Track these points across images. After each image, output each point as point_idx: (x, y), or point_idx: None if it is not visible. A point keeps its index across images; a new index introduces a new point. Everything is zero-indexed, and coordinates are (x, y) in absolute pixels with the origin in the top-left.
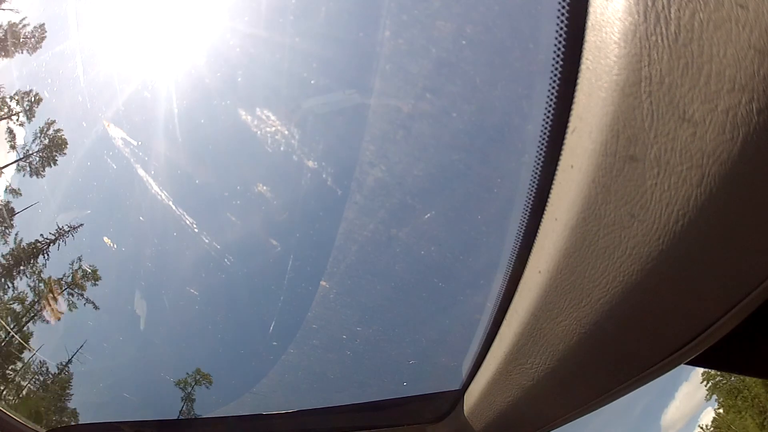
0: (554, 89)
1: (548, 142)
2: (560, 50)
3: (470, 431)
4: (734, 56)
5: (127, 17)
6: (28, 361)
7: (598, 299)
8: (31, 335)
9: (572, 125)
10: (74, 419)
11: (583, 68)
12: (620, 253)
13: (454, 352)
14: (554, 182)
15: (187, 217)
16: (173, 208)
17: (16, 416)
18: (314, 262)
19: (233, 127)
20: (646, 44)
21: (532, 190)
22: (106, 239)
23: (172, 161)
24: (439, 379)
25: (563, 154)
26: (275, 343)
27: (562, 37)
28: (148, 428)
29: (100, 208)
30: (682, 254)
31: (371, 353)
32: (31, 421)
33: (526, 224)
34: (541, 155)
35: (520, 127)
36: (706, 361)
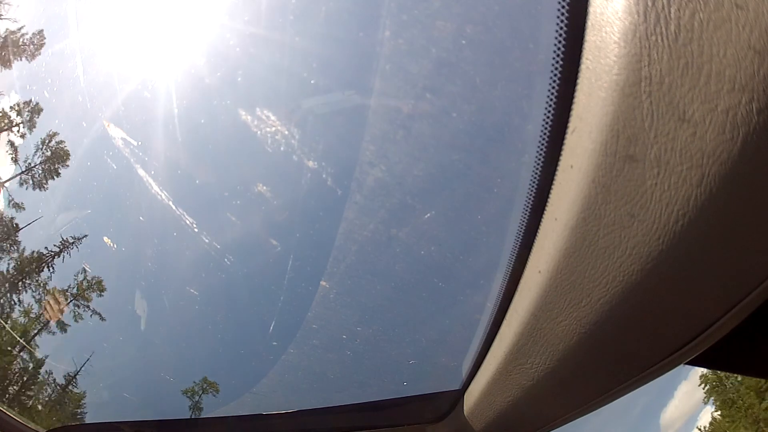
0: (554, 89)
1: (548, 142)
2: (560, 50)
3: (470, 431)
4: (734, 56)
5: (126, 17)
6: (28, 361)
7: (598, 299)
8: (31, 335)
9: (572, 125)
10: (74, 419)
11: (583, 68)
12: (620, 253)
13: (454, 352)
14: (554, 182)
15: (187, 217)
16: (173, 208)
17: (16, 416)
18: (314, 262)
19: (233, 127)
20: (646, 44)
21: (532, 190)
22: (106, 239)
23: (172, 161)
24: (439, 379)
25: (563, 154)
26: (275, 343)
27: (562, 37)
28: (148, 428)
29: (100, 208)
30: (682, 254)
31: (371, 353)
32: (31, 421)
33: (526, 224)
34: (541, 155)
35: (520, 127)
36: (706, 361)
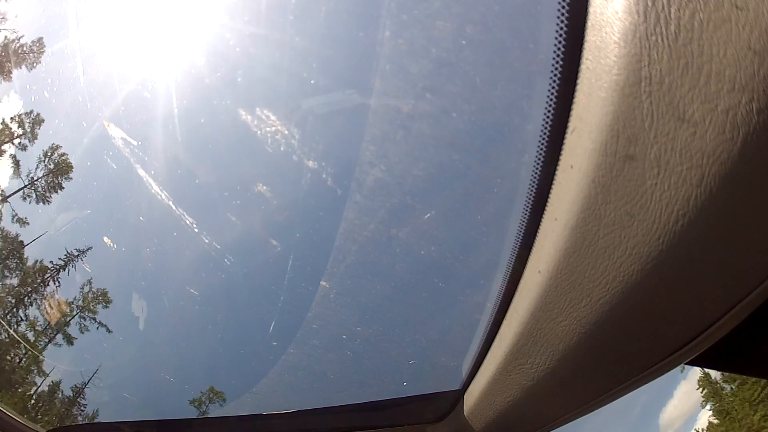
0: (554, 89)
1: (548, 142)
2: (560, 50)
3: (470, 431)
4: (734, 56)
5: (126, 17)
6: (28, 361)
7: (598, 299)
8: (31, 336)
9: (572, 125)
10: (74, 419)
11: (583, 68)
12: (620, 253)
13: (454, 352)
14: (554, 182)
15: (187, 217)
16: (173, 208)
17: (16, 416)
18: (314, 262)
19: (233, 127)
20: (646, 44)
21: (532, 190)
22: (106, 239)
23: (171, 161)
24: (439, 379)
25: (563, 154)
26: (275, 343)
27: (562, 37)
28: (148, 428)
29: (100, 208)
30: (682, 254)
31: (371, 353)
32: (31, 421)
33: (526, 224)
34: (541, 155)
35: (520, 127)
36: (706, 361)
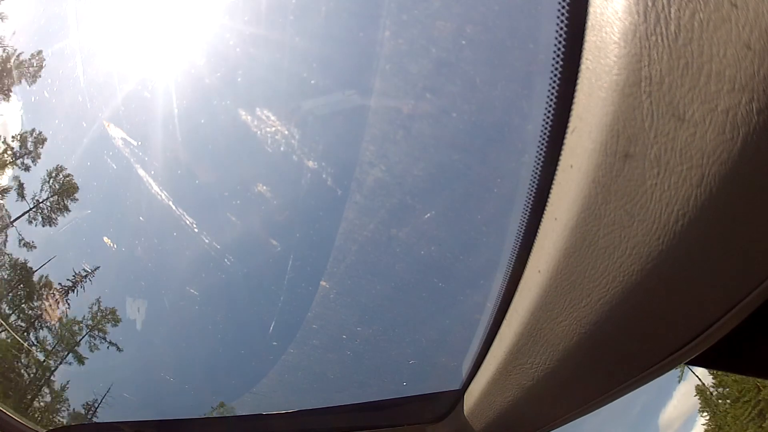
0: (554, 89)
1: (548, 142)
2: (560, 50)
3: (470, 431)
4: (734, 56)
5: (126, 17)
6: (28, 361)
7: (598, 299)
8: (31, 336)
9: (572, 125)
10: (74, 419)
11: (583, 68)
12: (620, 253)
13: (454, 352)
14: (554, 182)
15: (187, 217)
16: (173, 208)
17: (16, 416)
18: (314, 262)
19: (233, 127)
20: (646, 44)
21: (531, 189)
22: (106, 239)
23: (171, 161)
24: (439, 379)
25: (563, 154)
26: (275, 343)
27: (562, 37)
28: (148, 428)
29: (100, 208)
30: (682, 254)
31: (371, 353)
32: (31, 421)
33: (525, 224)
34: (541, 155)
35: (520, 127)
36: (706, 361)
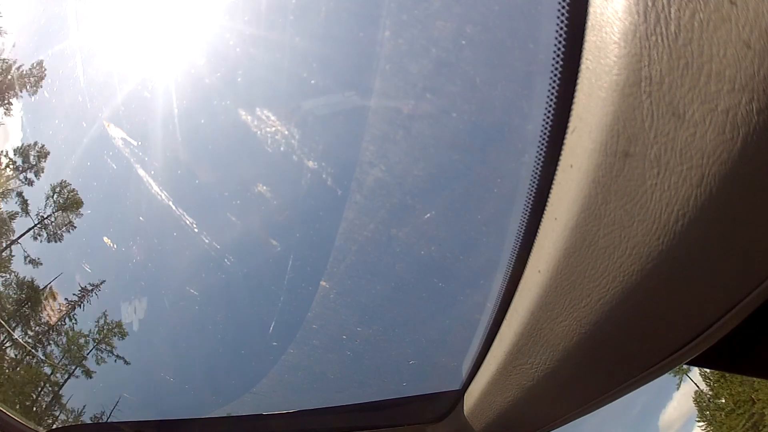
0: (554, 89)
1: (548, 141)
2: (560, 50)
3: (470, 431)
4: (734, 56)
5: (126, 17)
6: (28, 361)
7: (598, 299)
8: (31, 336)
9: (572, 125)
10: (74, 419)
11: (583, 68)
12: (620, 253)
13: (454, 352)
14: (554, 182)
15: (187, 217)
16: (173, 208)
17: (16, 416)
18: (314, 262)
19: (233, 127)
20: (646, 44)
21: (532, 189)
22: (106, 239)
23: (171, 161)
24: (439, 379)
25: (563, 153)
26: (275, 343)
27: (562, 37)
28: (148, 428)
29: (100, 208)
30: (682, 254)
31: (371, 353)
32: (31, 421)
33: (525, 224)
34: (541, 155)
35: (520, 127)
36: (706, 361)
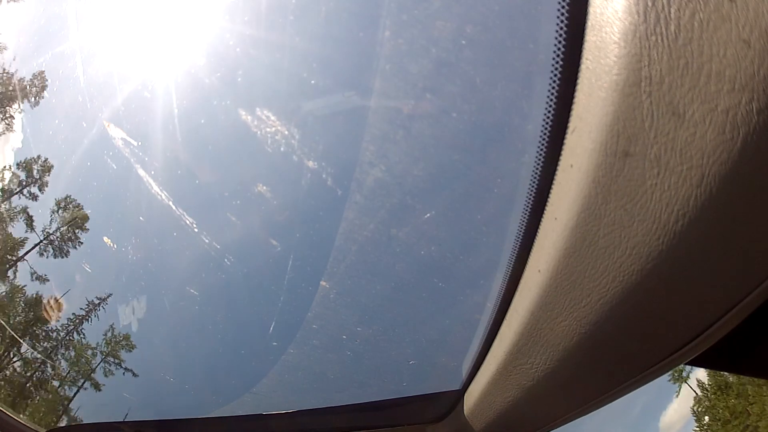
0: (554, 89)
1: (548, 141)
2: (560, 50)
3: (470, 431)
4: (734, 56)
5: (126, 17)
6: (28, 361)
7: (598, 299)
8: (31, 336)
9: (572, 125)
10: (74, 419)
11: (583, 68)
12: (620, 253)
13: (454, 352)
14: (554, 182)
15: (187, 217)
16: (173, 208)
17: (16, 416)
18: (314, 262)
19: (233, 127)
20: (646, 44)
21: (532, 189)
22: (106, 239)
23: (172, 161)
24: (439, 379)
25: (563, 153)
26: (275, 343)
27: (562, 37)
28: (148, 428)
29: (100, 208)
30: (682, 254)
31: (371, 353)
32: (31, 421)
33: (525, 224)
34: (541, 155)
35: (520, 127)
36: (706, 361)
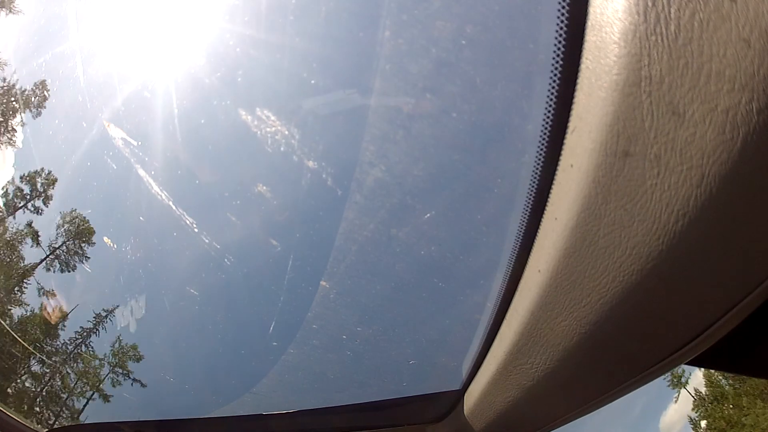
0: (554, 89)
1: (548, 141)
2: (560, 50)
3: (470, 431)
4: (734, 56)
5: (126, 17)
6: (29, 361)
7: (598, 299)
8: (32, 336)
9: (572, 125)
10: (74, 419)
11: (583, 68)
12: (620, 253)
13: (454, 352)
14: (554, 182)
15: (187, 217)
16: (173, 208)
17: (16, 416)
18: (314, 262)
19: (233, 127)
20: (646, 44)
21: (532, 189)
22: (106, 239)
23: (172, 161)
24: (439, 379)
25: (563, 153)
26: (275, 343)
27: (562, 37)
28: (148, 428)
29: (100, 208)
30: (682, 254)
31: (371, 353)
32: (31, 421)
33: (526, 224)
34: (541, 155)
35: (520, 127)
36: (706, 361)
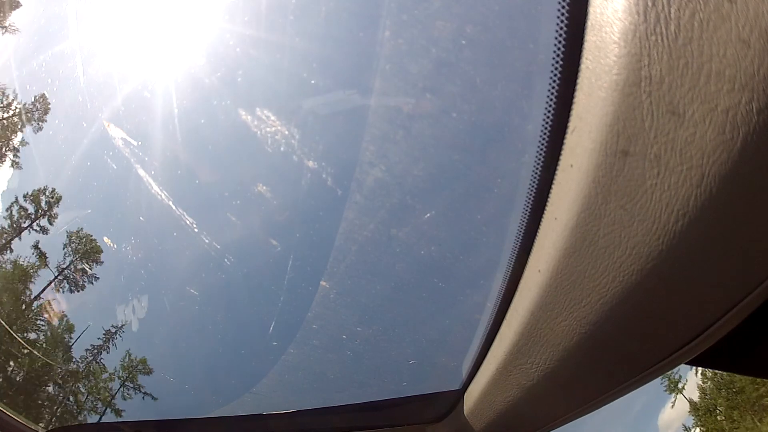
0: (554, 89)
1: (548, 141)
2: (560, 50)
3: (470, 431)
4: (734, 56)
5: (127, 17)
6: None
7: (598, 299)
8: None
9: (572, 125)
10: (74, 419)
11: (583, 68)
12: (620, 253)
13: (454, 352)
14: (554, 182)
15: (187, 217)
16: (173, 208)
17: (16, 416)
18: (314, 262)
19: (233, 127)
20: (646, 44)
21: (532, 189)
22: (106, 239)
23: (172, 161)
24: (439, 379)
25: (563, 153)
26: (275, 343)
27: (562, 37)
28: (148, 428)
29: (100, 208)
30: (682, 254)
31: (371, 353)
32: (31, 421)
33: (526, 224)
34: (541, 155)
35: (520, 127)
36: (706, 361)
